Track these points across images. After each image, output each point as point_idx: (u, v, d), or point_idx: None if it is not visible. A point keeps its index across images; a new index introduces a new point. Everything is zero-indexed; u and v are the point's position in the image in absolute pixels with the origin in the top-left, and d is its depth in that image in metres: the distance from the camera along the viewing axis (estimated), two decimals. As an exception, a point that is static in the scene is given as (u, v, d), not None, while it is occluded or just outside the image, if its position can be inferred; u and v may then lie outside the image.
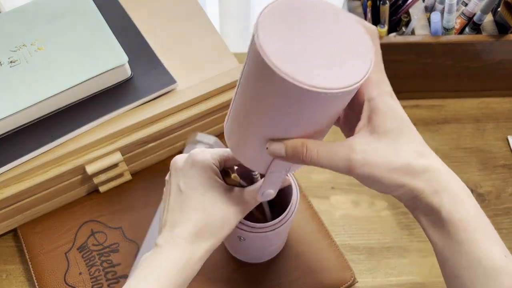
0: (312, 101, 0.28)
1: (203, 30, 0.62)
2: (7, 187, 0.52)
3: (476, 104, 0.71)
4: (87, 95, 0.54)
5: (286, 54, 0.28)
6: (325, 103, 0.29)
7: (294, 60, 0.28)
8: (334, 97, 0.28)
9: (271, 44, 0.28)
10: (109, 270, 0.55)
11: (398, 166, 0.33)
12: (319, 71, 0.28)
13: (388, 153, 0.33)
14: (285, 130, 0.32)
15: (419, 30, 0.64)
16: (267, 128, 0.33)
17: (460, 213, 0.32)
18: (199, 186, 0.39)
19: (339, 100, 0.30)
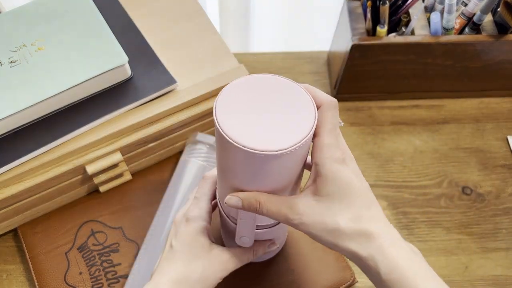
0: (258, 161, 0.34)
1: (203, 30, 0.63)
2: (7, 187, 0.52)
3: (476, 104, 0.71)
4: (87, 95, 0.54)
5: (238, 126, 0.34)
6: (271, 163, 0.34)
7: (244, 130, 0.34)
8: (275, 157, 0.33)
9: (226, 120, 0.34)
10: (109, 270, 0.55)
11: (331, 229, 0.36)
12: (264, 137, 0.33)
13: (324, 216, 0.36)
14: (247, 184, 0.38)
15: (419, 30, 0.64)
16: (233, 182, 0.38)
17: (395, 274, 0.34)
18: (186, 243, 0.44)
19: (284, 159, 0.34)
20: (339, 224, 0.36)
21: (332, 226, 0.36)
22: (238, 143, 0.33)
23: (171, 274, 0.43)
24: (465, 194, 0.63)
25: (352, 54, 0.63)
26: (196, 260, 0.43)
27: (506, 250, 0.59)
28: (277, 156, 0.33)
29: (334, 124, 0.36)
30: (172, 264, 0.43)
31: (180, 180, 0.57)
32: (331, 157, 0.36)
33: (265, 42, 1.12)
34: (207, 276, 0.43)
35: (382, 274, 0.35)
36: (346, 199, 0.36)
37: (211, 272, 0.44)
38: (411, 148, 0.67)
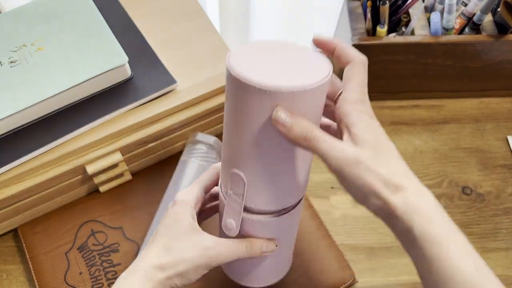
0: (280, 102, 0.32)
1: (203, 30, 0.63)
2: (8, 187, 0.52)
3: (476, 104, 0.71)
4: (87, 95, 0.54)
5: (255, 72, 0.32)
6: (293, 103, 0.33)
7: (262, 75, 0.32)
8: (299, 94, 0.32)
9: (239, 64, 0.33)
10: (109, 270, 0.55)
11: (379, 178, 0.34)
12: (282, 79, 0.32)
13: (370, 163, 0.34)
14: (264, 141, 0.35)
15: (419, 30, 0.64)
16: (246, 144, 0.36)
17: (430, 231, 0.33)
18: (169, 224, 0.42)
19: (304, 101, 0.33)
20: (385, 175, 0.33)
21: (380, 175, 0.33)
22: (259, 84, 0.31)
23: (150, 257, 0.40)
24: (465, 194, 0.63)
25: (352, 54, 0.63)
26: (176, 243, 0.40)
27: (506, 250, 0.59)
28: (301, 94, 0.32)
29: (362, 80, 0.35)
30: (154, 247, 0.41)
31: (180, 180, 0.57)
32: (363, 110, 0.35)
33: (265, 42, 1.12)
34: (183, 259, 0.40)
35: (415, 230, 0.33)
36: (385, 151, 0.35)
37: (191, 257, 0.40)
38: (411, 148, 0.67)
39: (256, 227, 0.41)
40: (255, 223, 0.41)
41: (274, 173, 0.37)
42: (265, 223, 0.41)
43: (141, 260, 0.41)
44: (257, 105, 0.33)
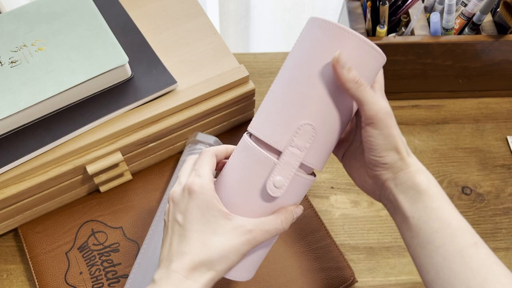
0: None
1: (203, 30, 0.63)
2: (8, 187, 0.52)
3: (476, 104, 0.71)
4: (87, 95, 0.55)
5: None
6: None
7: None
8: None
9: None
10: (110, 269, 0.55)
11: (402, 139, 0.41)
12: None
13: (397, 126, 0.41)
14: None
15: (418, 31, 0.64)
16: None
17: (433, 188, 0.40)
18: (197, 219, 0.38)
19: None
20: (402, 139, 0.42)
21: (398, 137, 0.41)
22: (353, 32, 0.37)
23: (187, 257, 0.37)
24: (465, 194, 0.64)
25: (352, 54, 0.63)
26: (213, 236, 0.37)
27: (505, 250, 0.59)
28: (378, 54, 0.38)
29: (382, 81, 0.42)
30: (186, 245, 0.38)
31: (180, 180, 0.57)
32: (386, 107, 0.40)
33: (265, 42, 1.12)
34: (229, 251, 0.37)
35: (423, 186, 0.40)
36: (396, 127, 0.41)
37: (233, 246, 0.38)
38: (410, 148, 0.67)
39: (299, 189, 0.40)
40: (301, 185, 0.40)
41: (334, 129, 0.39)
42: (307, 185, 0.41)
43: (176, 261, 0.37)
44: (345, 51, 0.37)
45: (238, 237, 0.38)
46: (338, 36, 0.37)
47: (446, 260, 0.38)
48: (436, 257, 0.39)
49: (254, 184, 0.39)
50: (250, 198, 0.39)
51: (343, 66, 0.36)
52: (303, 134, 0.38)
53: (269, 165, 0.38)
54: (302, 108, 0.38)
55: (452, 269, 0.38)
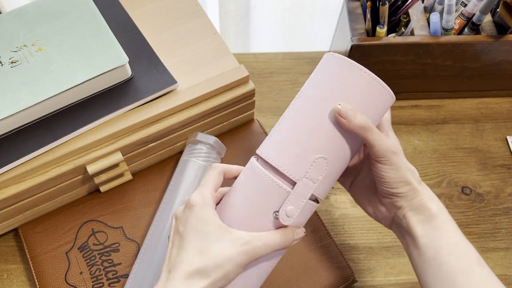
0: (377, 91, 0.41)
1: (203, 30, 0.63)
2: (8, 187, 0.52)
3: (475, 104, 0.71)
4: (87, 95, 0.55)
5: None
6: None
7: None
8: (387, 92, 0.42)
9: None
10: (110, 269, 0.55)
11: (412, 171, 0.44)
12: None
13: (405, 160, 0.44)
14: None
15: (418, 31, 0.64)
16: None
17: (443, 214, 0.43)
18: (196, 229, 0.39)
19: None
20: (412, 169, 0.44)
21: (409, 168, 0.44)
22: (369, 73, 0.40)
23: (184, 266, 0.38)
24: (465, 194, 0.64)
25: (352, 55, 0.63)
26: (212, 244, 0.38)
27: (505, 250, 0.59)
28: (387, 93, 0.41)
29: (389, 117, 0.46)
30: (184, 253, 0.38)
31: (180, 180, 0.57)
32: (390, 128, 0.45)
33: (265, 42, 1.12)
34: (224, 260, 0.38)
35: (433, 211, 0.43)
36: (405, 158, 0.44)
37: (229, 255, 0.38)
38: (410, 148, 0.67)
39: (304, 216, 0.42)
40: (307, 212, 0.42)
41: (343, 162, 0.42)
42: (311, 211, 0.43)
43: (174, 271, 0.38)
44: (360, 90, 0.40)
45: (235, 247, 0.38)
46: (351, 73, 0.40)
47: (450, 275, 0.41)
48: (441, 273, 0.41)
49: (263, 210, 0.40)
50: (256, 221, 0.40)
51: (346, 117, 0.39)
52: (317, 166, 0.40)
53: (282, 194, 0.40)
54: (319, 141, 0.40)
55: (456, 283, 0.40)
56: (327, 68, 0.41)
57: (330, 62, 0.41)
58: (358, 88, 0.40)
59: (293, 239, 0.41)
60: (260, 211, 0.40)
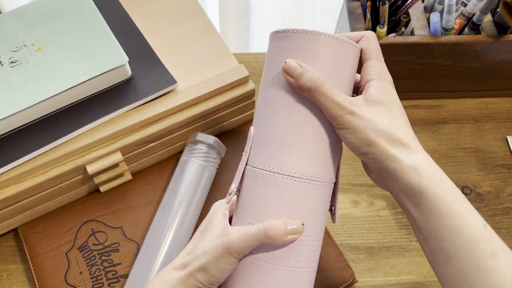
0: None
1: (203, 30, 0.63)
2: (8, 187, 0.52)
3: (475, 104, 0.71)
4: (87, 95, 0.55)
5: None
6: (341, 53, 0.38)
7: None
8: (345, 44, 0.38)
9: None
10: (110, 269, 0.55)
11: (382, 130, 0.36)
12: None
13: (375, 116, 0.36)
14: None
15: (418, 31, 0.64)
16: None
17: (435, 187, 0.34)
18: (203, 229, 0.41)
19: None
20: (391, 129, 0.36)
21: (383, 128, 0.36)
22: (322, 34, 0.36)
23: (173, 261, 0.41)
24: (465, 194, 0.64)
25: (352, 54, 0.63)
26: (201, 242, 0.40)
27: (505, 250, 0.59)
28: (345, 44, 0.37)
29: (378, 50, 0.39)
30: (181, 252, 0.42)
31: (180, 180, 0.57)
32: (385, 79, 0.38)
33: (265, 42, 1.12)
34: (203, 252, 0.38)
35: (423, 187, 0.35)
36: (397, 112, 0.37)
37: (211, 247, 0.38)
38: (410, 148, 0.67)
39: (266, 194, 0.39)
40: (259, 188, 0.39)
41: (277, 129, 0.38)
42: (274, 191, 0.38)
43: (169, 263, 0.41)
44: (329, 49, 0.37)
45: (216, 240, 0.38)
46: (305, 42, 0.37)
47: (461, 272, 0.34)
48: (451, 268, 0.34)
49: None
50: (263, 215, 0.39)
51: (292, 75, 0.36)
52: (249, 139, 0.40)
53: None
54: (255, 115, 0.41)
55: (470, 283, 0.33)
56: (278, 47, 0.39)
57: (279, 40, 0.39)
58: (319, 54, 0.37)
59: (284, 231, 0.37)
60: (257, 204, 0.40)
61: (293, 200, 0.38)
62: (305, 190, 0.38)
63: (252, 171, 0.40)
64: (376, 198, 0.63)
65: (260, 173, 0.39)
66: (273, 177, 0.38)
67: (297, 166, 0.38)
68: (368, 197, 0.63)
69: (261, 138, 0.39)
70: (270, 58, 0.40)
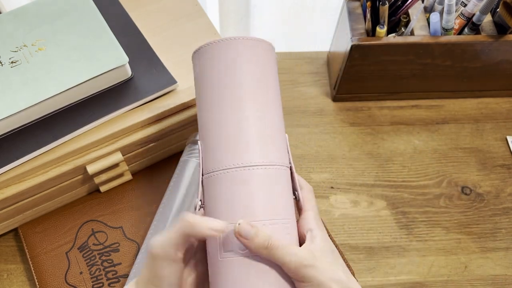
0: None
1: (203, 30, 0.63)
2: (8, 187, 0.52)
3: (475, 104, 0.72)
4: (87, 95, 0.55)
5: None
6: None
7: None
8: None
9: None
10: (110, 269, 0.55)
11: (340, 281, 0.38)
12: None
13: (333, 266, 0.38)
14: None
15: (418, 31, 0.64)
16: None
17: None
18: (152, 278, 0.36)
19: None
20: (341, 277, 0.38)
21: (337, 276, 0.38)
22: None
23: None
24: (465, 194, 0.64)
25: (352, 55, 0.63)
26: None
27: (505, 250, 0.59)
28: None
29: (315, 201, 0.42)
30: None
31: (180, 180, 0.57)
32: (318, 223, 0.40)
33: (265, 42, 1.12)
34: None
35: None
36: (340, 259, 0.40)
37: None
38: (410, 148, 0.67)
39: (212, 192, 0.39)
40: (210, 189, 0.39)
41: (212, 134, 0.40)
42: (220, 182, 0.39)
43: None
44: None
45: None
46: (221, 50, 0.40)
47: None
48: None
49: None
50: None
51: (247, 237, 0.35)
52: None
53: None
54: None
55: None
56: (206, 64, 0.41)
57: (202, 57, 0.41)
58: (236, 58, 0.40)
59: (220, 228, 0.35)
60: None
61: (250, 188, 0.38)
62: (260, 176, 0.38)
63: (208, 179, 0.39)
64: (376, 198, 0.63)
65: (214, 176, 0.39)
66: (225, 174, 0.38)
67: (244, 157, 0.38)
68: (368, 197, 0.63)
69: (207, 146, 0.40)
70: (197, 78, 0.42)
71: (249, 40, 0.40)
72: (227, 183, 0.38)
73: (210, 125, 0.40)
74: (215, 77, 0.40)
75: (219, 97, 0.40)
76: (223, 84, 0.40)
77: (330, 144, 0.67)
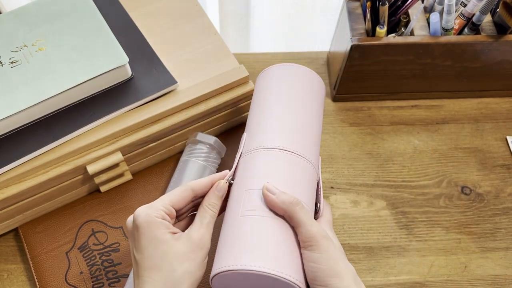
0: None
1: (203, 30, 0.63)
2: (8, 187, 0.52)
3: (475, 104, 0.72)
4: (87, 95, 0.55)
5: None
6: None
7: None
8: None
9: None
10: (110, 269, 0.55)
11: (347, 264, 0.39)
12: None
13: (344, 257, 0.40)
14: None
15: (418, 31, 0.64)
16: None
17: None
18: (146, 247, 0.39)
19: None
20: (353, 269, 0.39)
21: (349, 265, 0.39)
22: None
23: (146, 287, 0.38)
24: (464, 194, 0.64)
25: (352, 55, 0.63)
26: (166, 260, 0.38)
27: (505, 250, 0.59)
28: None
29: (331, 217, 0.47)
30: (142, 275, 0.38)
31: (180, 180, 0.57)
32: (324, 230, 0.41)
33: (265, 42, 1.12)
34: (186, 268, 0.38)
35: None
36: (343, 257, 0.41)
37: (186, 261, 0.38)
38: (410, 148, 0.67)
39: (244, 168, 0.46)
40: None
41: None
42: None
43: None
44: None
45: (190, 253, 0.40)
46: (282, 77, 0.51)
47: None
48: None
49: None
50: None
51: (274, 192, 0.39)
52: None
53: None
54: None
55: None
56: (272, 82, 0.52)
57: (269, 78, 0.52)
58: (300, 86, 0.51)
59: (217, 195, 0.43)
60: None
61: (284, 166, 0.45)
62: (293, 161, 0.45)
63: (248, 155, 0.46)
64: (376, 198, 0.63)
65: (253, 152, 0.46)
66: (264, 151, 0.45)
67: (285, 143, 0.46)
68: (368, 197, 0.63)
69: (254, 132, 0.48)
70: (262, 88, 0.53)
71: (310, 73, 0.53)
72: (265, 156, 0.45)
73: (264, 121, 0.48)
74: (279, 91, 0.51)
75: (280, 104, 0.50)
76: (287, 97, 0.50)
77: (330, 144, 0.67)
